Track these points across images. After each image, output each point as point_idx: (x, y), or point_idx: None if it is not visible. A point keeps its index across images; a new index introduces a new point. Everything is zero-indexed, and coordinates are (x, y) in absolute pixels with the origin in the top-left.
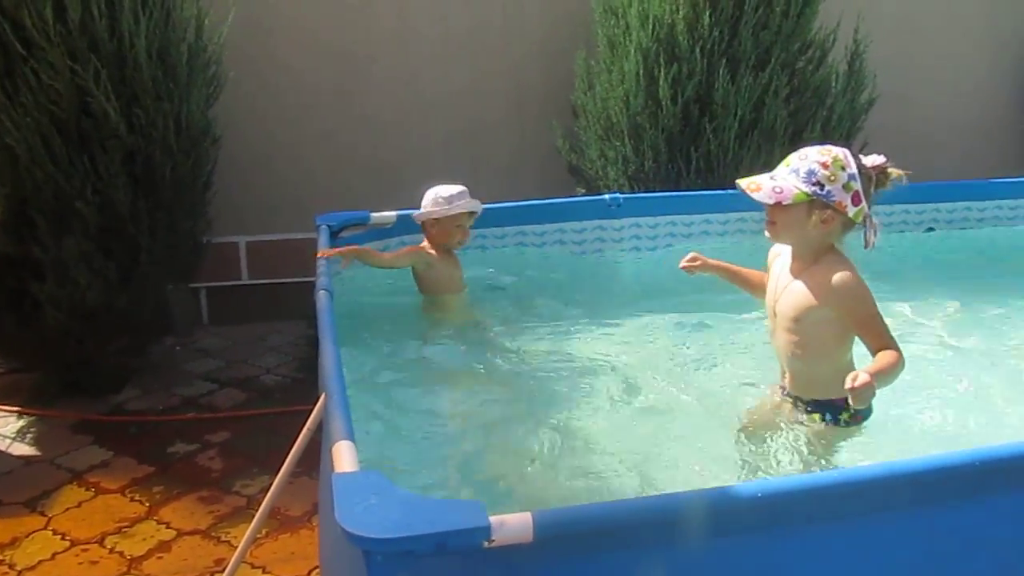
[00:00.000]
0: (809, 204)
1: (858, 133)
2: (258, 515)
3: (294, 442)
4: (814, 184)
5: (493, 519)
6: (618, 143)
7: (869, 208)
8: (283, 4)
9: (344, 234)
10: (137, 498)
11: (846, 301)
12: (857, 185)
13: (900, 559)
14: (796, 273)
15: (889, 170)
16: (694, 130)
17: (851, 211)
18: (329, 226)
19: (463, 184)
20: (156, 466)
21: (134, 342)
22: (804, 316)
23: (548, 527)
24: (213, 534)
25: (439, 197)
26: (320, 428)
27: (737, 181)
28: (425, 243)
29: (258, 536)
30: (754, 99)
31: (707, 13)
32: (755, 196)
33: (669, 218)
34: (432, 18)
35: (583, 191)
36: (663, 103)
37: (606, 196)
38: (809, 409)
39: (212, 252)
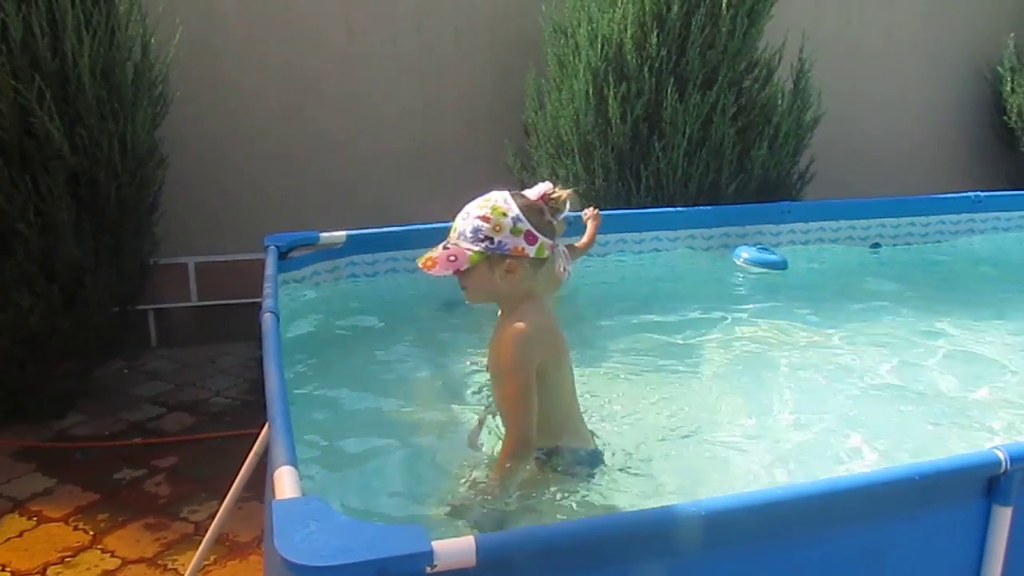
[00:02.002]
0: (487, 260)
1: (804, 150)
2: (205, 541)
3: (242, 466)
4: (483, 240)
5: (435, 544)
6: (569, 161)
7: (553, 238)
8: (233, 24)
9: (293, 254)
10: (81, 527)
11: (500, 360)
12: (526, 225)
13: None
14: (498, 325)
15: (555, 195)
16: (643, 148)
17: (531, 251)
18: (277, 246)
19: (412, 207)
20: (101, 493)
21: (79, 366)
22: (493, 372)
23: (491, 551)
24: (160, 562)
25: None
26: (268, 452)
27: (417, 259)
28: None
29: (206, 563)
30: (702, 117)
31: (655, 33)
32: (433, 272)
33: (619, 235)
34: (382, 38)
35: None
36: (613, 121)
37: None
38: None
39: (160, 273)
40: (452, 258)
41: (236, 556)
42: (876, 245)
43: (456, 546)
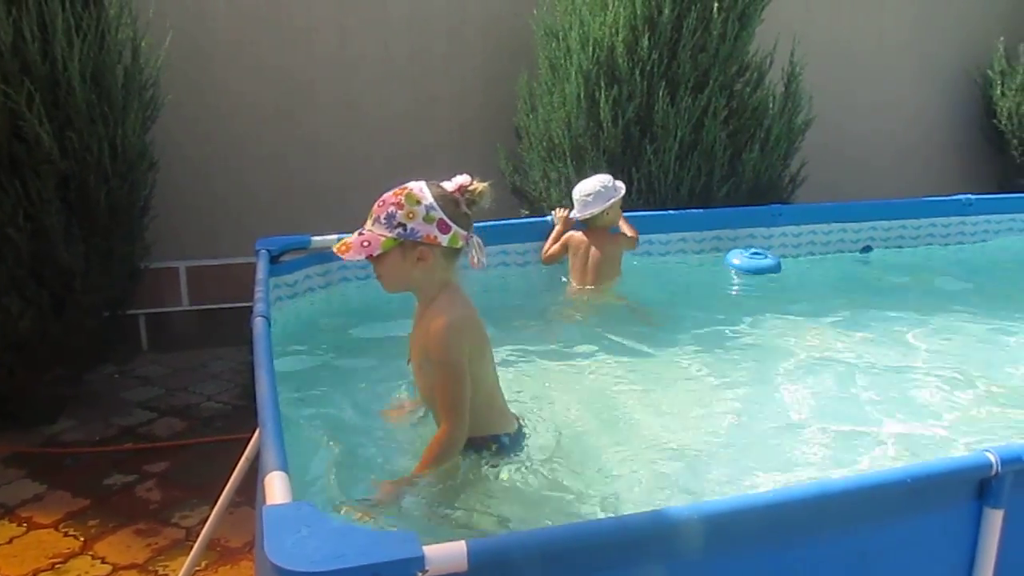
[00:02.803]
0: (400, 247)
1: (796, 154)
2: (196, 547)
3: (233, 471)
4: (396, 227)
5: (427, 549)
6: (560, 164)
7: (468, 229)
8: (224, 27)
9: (285, 258)
10: (72, 532)
11: (431, 352)
12: (439, 213)
13: None
14: (418, 317)
15: (472, 187)
16: (635, 151)
17: (443, 240)
18: (269, 251)
19: None
20: (92, 499)
21: (69, 371)
22: (422, 362)
23: (483, 555)
24: (151, 568)
25: (607, 184)
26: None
27: (333, 247)
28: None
29: (197, 569)
30: (693, 120)
31: (646, 36)
32: (347, 257)
33: None
34: (375, 42)
35: (527, 212)
36: (604, 125)
37: (548, 218)
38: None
39: (151, 278)
40: (366, 243)
41: (227, 562)
42: (867, 248)
43: (448, 551)
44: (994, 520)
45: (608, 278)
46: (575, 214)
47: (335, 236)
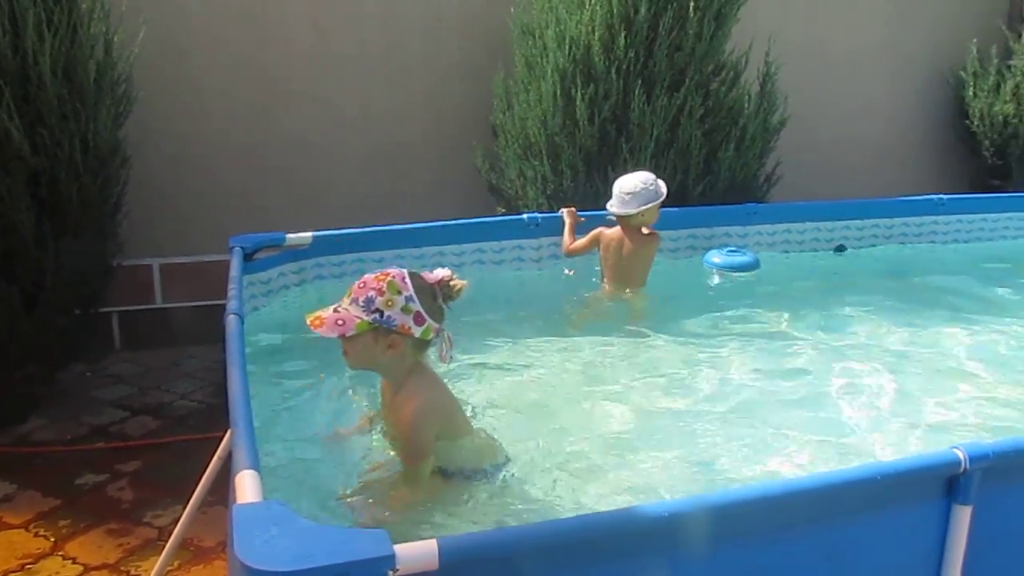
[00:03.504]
0: (374, 332)
1: (771, 153)
2: (168, 546)
3: (206, 470)
4: (373, 312)
5: (397, 547)
6: (537, 162)
7: (440, 322)
8: (199, 23)
9: (259, 256)
10: (42, 533)
11: (400, 435)
12: (416, 306)
13: None
14: (386, 395)
15: (452, 283)
16: (611, 149)
17: (416, 332)
18: (243, 248)
19: (380, 208)
20: (63, 499)
21: (41, 369)
22: (394, 436)
23: (454, 553)
24: (122, 568)
25: (649, 184)
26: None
27: (306, 316)
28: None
29: (169, 568)
30: (669, 119)
31: (622, 35)
32: (319, 332)
33: None
34: (350, 38)
35: (503, 210)
36: (580, 123)
37: (524, 216)
38: None
39: (124, 275)
40: (340, 322)
41: (200, 561)
42: (841, 247)
43: (418, 549)
44: (963, 517)
45: (639, 280)
46: (612, 209)
47: (309, 234)
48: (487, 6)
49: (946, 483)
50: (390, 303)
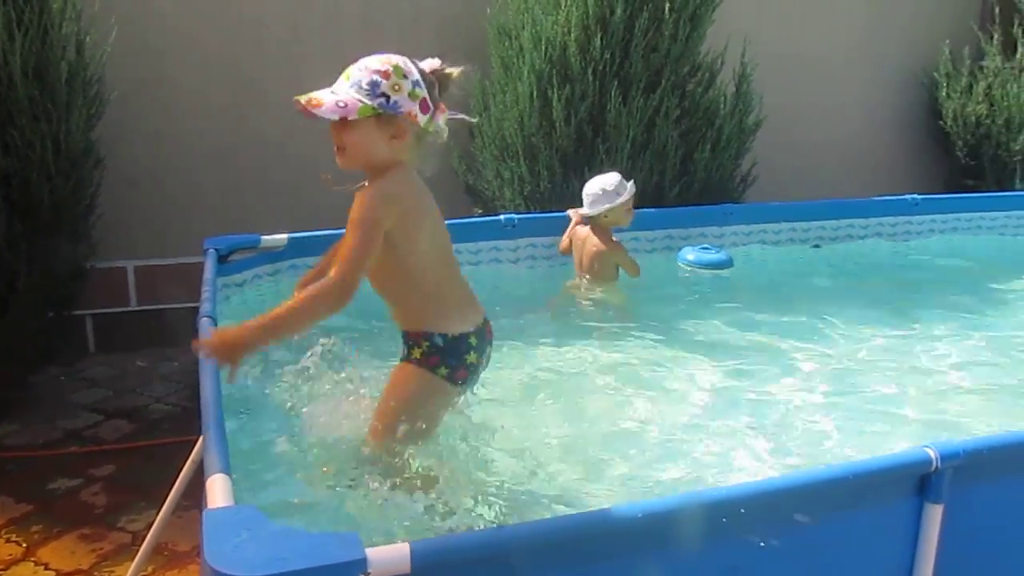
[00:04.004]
0: (376, 119)
1: (746, 154)
2: (142, 551)
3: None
4: (379, 96)
5: (369, 551)
6: (513, 163)
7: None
8: (174, 22)
9: (234, 258)
10: (14, 539)
11: (351, 212)
12: (423, 92)
13: None
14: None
15: (448, 71)
16: (588, 150)
17: (422, 120)
18: (217, 250)
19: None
20: (35, 504)
21: (13, 373)
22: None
23: (426, 557)
24: (96, 573)
25: (608, 187)
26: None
27: (295, 98)
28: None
29: (143, 573)
30: (645, 120)
31: (598, 36)
32: (318, 112)
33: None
34: (325, 39)
35: (480, 211)
36: (557, 124)
37: (501, 217)
38: (403, 342)
39: (98, 277)
40: (341, 104)
41: (175, 566)
42: (816, 247)
43: (390, 553)
44: (934, 515)
45: (602, 277)
46: (581, 210)
47: (284, 236)
48: (464, 7)
49: (918, 482)
50: (397, 88)
